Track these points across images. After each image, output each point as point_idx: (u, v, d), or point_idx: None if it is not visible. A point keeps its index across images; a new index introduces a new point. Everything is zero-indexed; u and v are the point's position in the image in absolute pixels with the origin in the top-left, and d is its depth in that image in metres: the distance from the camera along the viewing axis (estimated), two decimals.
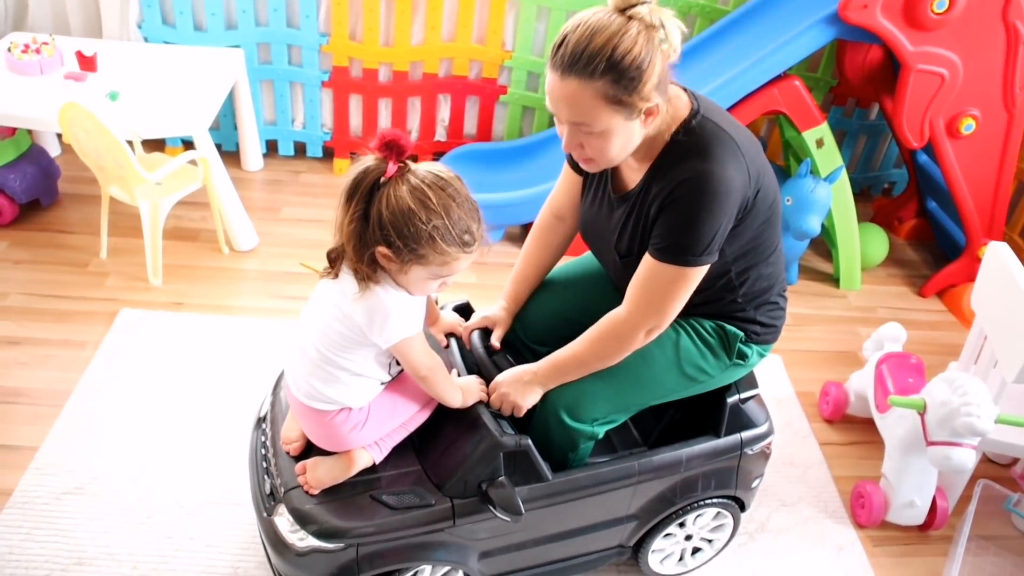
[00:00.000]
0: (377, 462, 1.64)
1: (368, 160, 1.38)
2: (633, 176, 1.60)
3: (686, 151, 1.49)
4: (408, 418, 1.67)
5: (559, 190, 1.86)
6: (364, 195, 1.37)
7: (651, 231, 1.55)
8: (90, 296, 2.70)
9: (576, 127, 1.47)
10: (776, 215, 1.64)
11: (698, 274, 1.53)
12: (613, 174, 1.66)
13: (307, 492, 1.62)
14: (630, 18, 1.37)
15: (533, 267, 1.93)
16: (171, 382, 2.40)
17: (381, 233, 1.37)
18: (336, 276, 1.49)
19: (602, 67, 1.37)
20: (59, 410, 2.27)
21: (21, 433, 2.20)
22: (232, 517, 2.05)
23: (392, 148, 1.35)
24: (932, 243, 3.56)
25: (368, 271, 1.42)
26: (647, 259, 1.54)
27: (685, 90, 1.56)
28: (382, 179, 1.36)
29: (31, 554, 1.90)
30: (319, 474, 1.61)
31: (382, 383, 1.63)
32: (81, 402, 2.30)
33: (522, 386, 1.69)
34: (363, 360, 1.55)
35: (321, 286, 1.55)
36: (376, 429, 1.62)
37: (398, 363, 1.61)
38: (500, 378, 1.71)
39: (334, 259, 1.48)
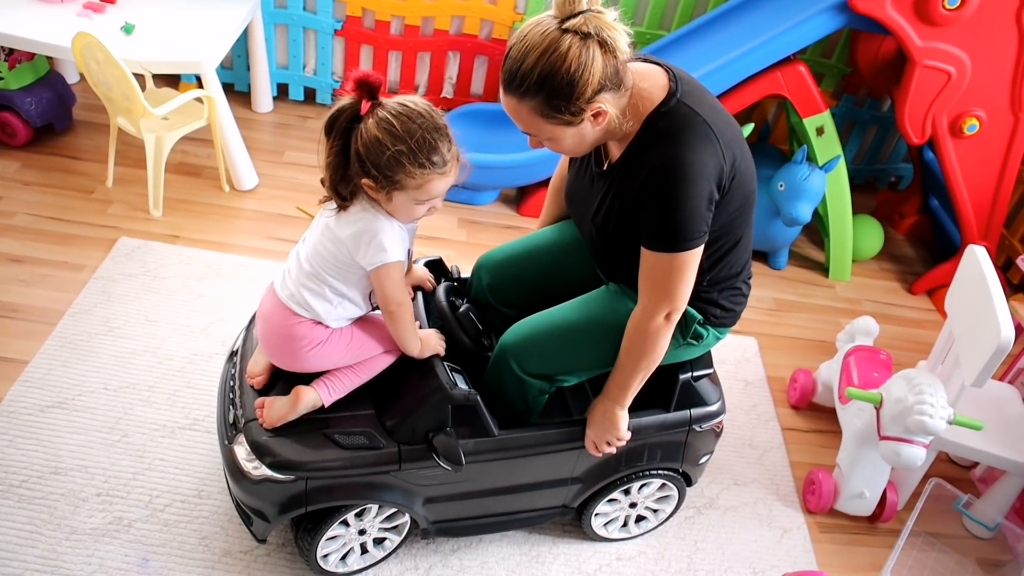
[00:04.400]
0: (326, 404, 1.71)
1: (344, 100, 1.49)
2: (614, 152, 1.63)
3: (659, 136, 1.52)
4: (362, 360, 1.74)
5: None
6: (340, 132, 1.50)
7: (629, 212, 1.59)
8: (92, 222, 2.80)
9: (529, 135, 1.55)
10: (750, 204, 1.66)
11: (693, 256, 1.56)
12: (598, 147, 1.69)
13: (263, 426, 1.71)
14: (564, 31, 1.40)
15: (546, 226, 2.04)
16: (160, 310, 2.50)
17: (360, 166, 1.49)
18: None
19: (533, 87, 1.43)
20: (52, 328, 2.37)
21: (14, 347, 2.31)
22: (203, 443, 2.15)
23: (364, 87, 1.46)
24: (931, 241, 3.53)
25: (342, 198, 1.56)
26: (643, 250, 1.58)
27: (668, 71, 1.58)
28: (361, 115, 1.47)
29: (12, 460, 2.02)
30: (271, 412, 1.70)
31: (361, 315, 1.72)
32: (73, 322, 2.40)
33: (605, 421, 1.78)
34: (347, 283, 1.64)
35: (320, 217, 1.66)
36: (330, 356, 1.69)
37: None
38: (588, 432, 1.81)
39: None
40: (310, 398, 1.69)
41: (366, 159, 1.47)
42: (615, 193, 1.62)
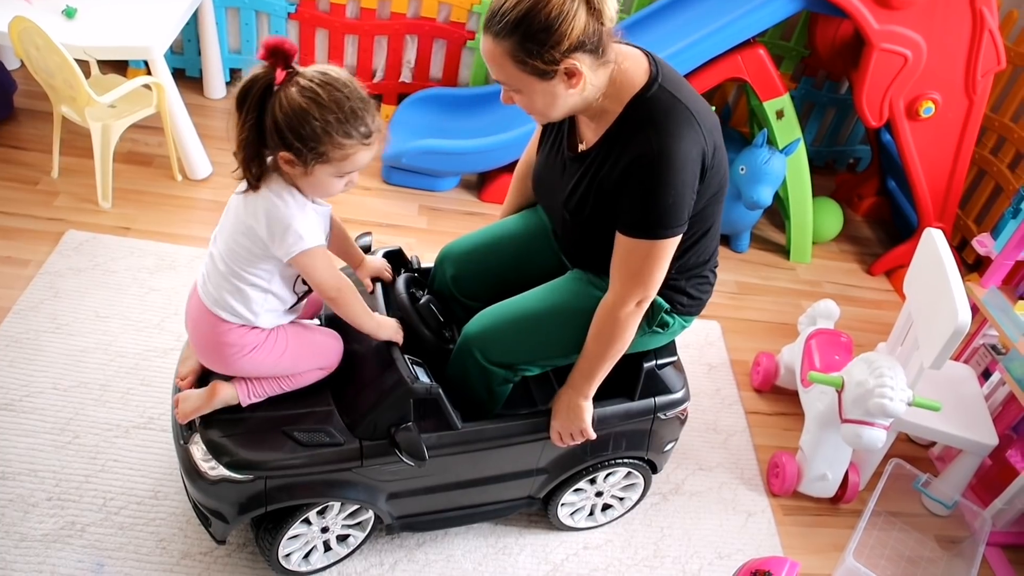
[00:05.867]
0: (243, 404, 1.66)
1: (256, 68, 1.39)
2: (589, 136, 1.59)
3: (641, 122, 1.50)
4: (292, 373, 1.69)
5: (533, 140, 1.88)
6: (255, 103, 1.39)
7: (606, 198, 1.56)
8: (37, 215, 2.69)
9: (501, 83, 1.49)
10: (723, 193, 1.65)
11: (671, 244, 1.54)
12: (570, 131, 1.66)
13: (179, 420, 1.67)
14: None
15: (510, 214, 2.00)
16: (111, 306, 2.42)
17: (279, 138, 1.39)
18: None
19: (510, 27, 1.38)
20: None
21: None
22: (158, 442, 2.09)
23: (278, 54, 1.36)
24: (889, 222, 3.58)
25: (255, 175, 1.45)
26: (619, 236, 1.55)
27: (648, 56, 1.55)
28: (274, 86, 1.38)
29: None
30: (186, 404, 1.66)
31: (288, 307, 1.66)
32: (19, 320, 2.32)
33: (570, 412, 1.75)
34: (268, 275, 1.56)
35: (231, 201, 1.56)
36: (264, 362, 1.63)
37: (304, 284, 1.63)
38: (553, 423, 1.79)
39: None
40: (227, 394, 1.64)
41: (287, 130, 1.37)
42: (591, 178, 1.58)
